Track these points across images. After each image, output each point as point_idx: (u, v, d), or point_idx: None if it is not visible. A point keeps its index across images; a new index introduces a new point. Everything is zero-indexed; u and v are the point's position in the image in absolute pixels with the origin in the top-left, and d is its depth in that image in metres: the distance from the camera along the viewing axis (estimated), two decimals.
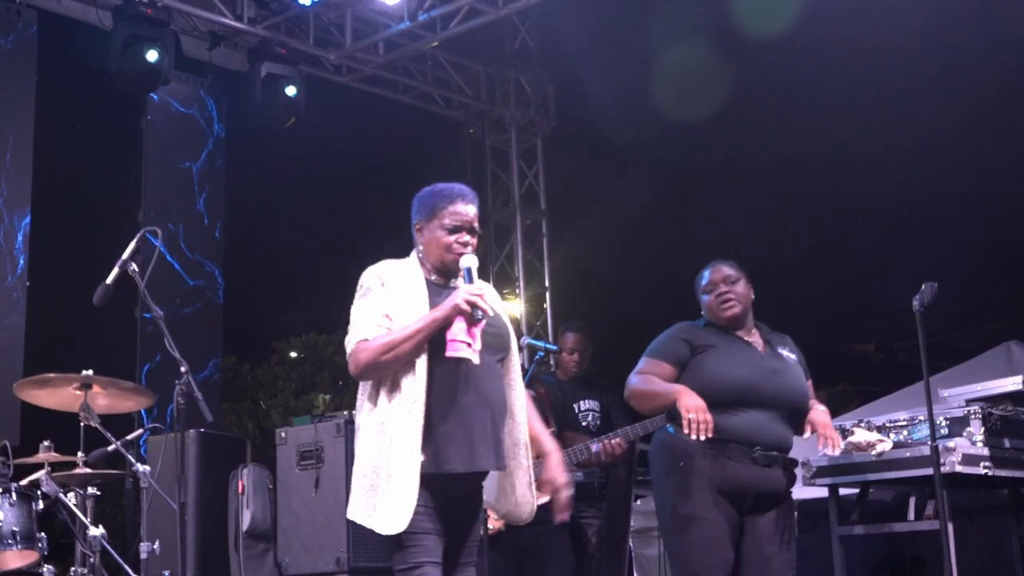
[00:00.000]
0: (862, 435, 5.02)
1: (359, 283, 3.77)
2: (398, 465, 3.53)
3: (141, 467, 5.42)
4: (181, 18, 9.66)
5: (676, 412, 4.32)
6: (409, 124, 12.03)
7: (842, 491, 5.31)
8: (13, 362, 8.30)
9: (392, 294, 3.70)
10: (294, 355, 17.41)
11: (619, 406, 5.96)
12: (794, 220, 13.08)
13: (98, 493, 5.56)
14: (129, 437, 5.61)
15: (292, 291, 16.22)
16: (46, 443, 5.74)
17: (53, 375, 5.52)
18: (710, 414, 4.25)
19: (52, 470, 5.60)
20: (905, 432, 4.97)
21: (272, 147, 11.99)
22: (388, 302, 3.68)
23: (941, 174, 11.71)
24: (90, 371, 5.48)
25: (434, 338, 3.62)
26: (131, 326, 9.37)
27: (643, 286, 13.13)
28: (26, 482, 5.63)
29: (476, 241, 3.79)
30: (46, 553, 5.55)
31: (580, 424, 5.94)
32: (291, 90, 9.77)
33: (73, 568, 5.48)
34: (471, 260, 3.72)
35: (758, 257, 4.75)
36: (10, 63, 8.85)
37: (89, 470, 5.53)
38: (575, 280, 12.06)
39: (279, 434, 6.63)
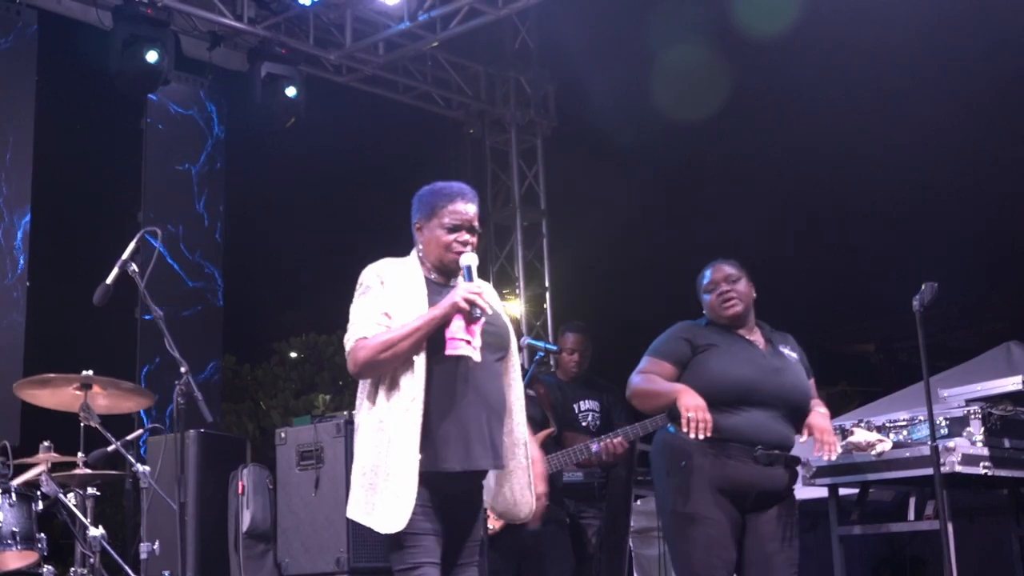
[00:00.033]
0: (862, 435, 5.01)
1: (359, 281, 3.76)
2: (396, 464, 3.53)
3: (141, 467, 5.41)
4: (181, 18, 9.65)
5: (677, 411, 4.32)
6: (409, 124, 12.03)
7: (842, 491, 5.30)
8: (13, 362, 8.30)
9: (392, 292, 3.69)
10: (294, 355, 17.41)
11: (619, 406, 5.95)
12: (794, 220, 13.08)
13: (98, 493, 5.55)
14: (129, 437, 5.61)
15: (292, 291, 16.22)
16: (46, 443, 5.74)
17: (53, 375, 5.51)
18: (710, 413, 4.25)
19: (52, 470, 5.60)
20: (905, 432, 4.96)
21: (272, 147, 11.98)
22: (387, 300, 3.67)
23: (941, 174, 11.71)
24: (90, 371, 5.48)
25: (433, 337, 3.61)
26: (131, 327, 9.36)
27: (643, 286, 13.13)
28: (22, 479, 5.63)
29: (476, 240, 3.78)
30: (46, 553, 5.54)
31: (580, 424, 5.94)
32: (291, 91, 9.76)
33: (73, 568, 5.47)
34: (471, 258, 3.71)
35: (758, 257, 4.74)
36: (10, 63, 8.84)
37: (89, 470, 5.52)
38: (575, 280, 12.05)
39: (279, 434, 6.63)
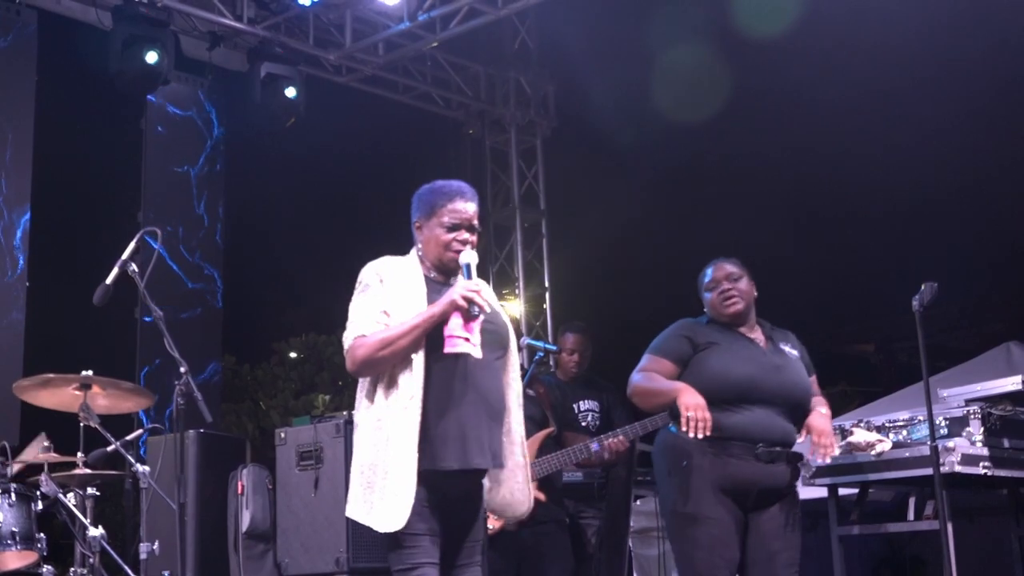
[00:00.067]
0: (862, 435, 5.01)
1: (358, 279, 3.75)
2: (395, 462, 3.52)
3: (141, 467, 5.41)
4: (181, 18, 9.65)
5: (677, 411, 4.32)
6: (409, 124, 12.02)
7: (842, 491, 5.30)
8: (13, 362, 8.30)
9: (391, 291, 3.68)
10: (294, 356, 17.42)
11: (619, 406, 5.95)
12: (794, 220, 13.08)
13: (97, 493, 5.56)
14: (129, 437, 5.61)
15: (292, 292, 16.22)
16: (46, 443, 5.74)
17: (53, 375, 5.51)
18: (709, 412, 4.24)
19: (52, 470, 5.59)
20: (905, 432, 4.96)
21: (272, 147, 11.98)
22: (386, 298, 3.66)
23: (941, 174, 11.71)
24: (89, 371, 5.48)
25: (432, 335, 3.59)
26: (131, 327, 9.35)
27: (643, 286, 13.12)
28: (22, 459, 5.63)
29: (476, 239, 3.77)
30: (45, 554, 5.54)
31: (580, 424, 5.94)
32: (291, 91, 9.75)
33: (72, 568, 5.47)
34: (470, 256, 3.70)
35: (758, 257, 4.73)
36: (10, 61, 8.83)
37: (89, 470, 5.52)
38: (575, 280, 12.05)
39: (279, 434, 6.62)
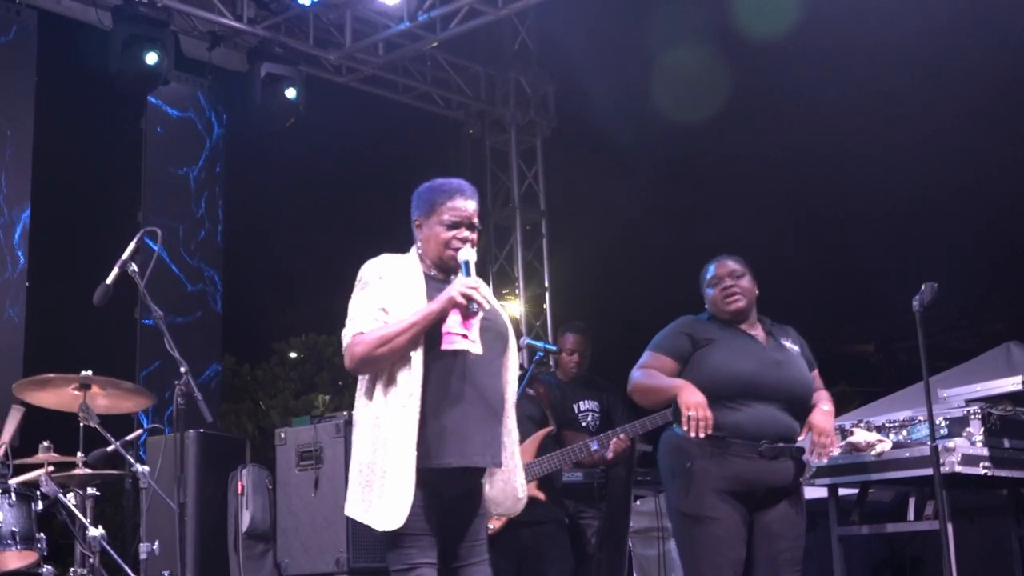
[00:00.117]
0: (862, 435, 5.01)
1: (358, 277, 3.74)
2: (393, 461, 3.51)
3: (140, 467, 5.40)
4: (181, 18, 9.65)
5: (679, 410, 4.31)
6: (409, 124, 12.03)
7: (842, 491, 5.30)
8: (13, 362, 8.29)
9: (390, 288, 3.67)
10: (294, 356, 17.43)
11: (619, 406, 5.95)
12: (794, 220, 13.08)
13: (97, 493, 5.55)
14: (128, 437, 5.60)
15: (292, 292, 16.23)
16: (46, 443, 5.74)
17: (52, 375, 5.50)
18: (710, 410, 4.24)
19: (53, 470, 5.60)
20: (905, 432, 4.96)
21: (272, 148, 11.98)
22: (386, 296, 3.65)
23: (941, 174, 11.71)
24: (89, 371, 5.47)
25: (431, 332, 3.58)
26: (130, 328, 9.34)
27: (643, 286, 13.13)
28: (23, 479, 5.63)
29: (476, 237, 3.76)
30: (45, 553, 5.54)
31: (580, 424, 5.94)
32: (291, 92, 9.75)
33: (72, 568, 5.47)
34: (469, 254, 3.69)
35: (758, 257, 4.72)
36: (9, 60, 8.82)
37: (88, 470, 5.52)
38: (575, 280, 12.05)
39: (278, 435, 6.62)
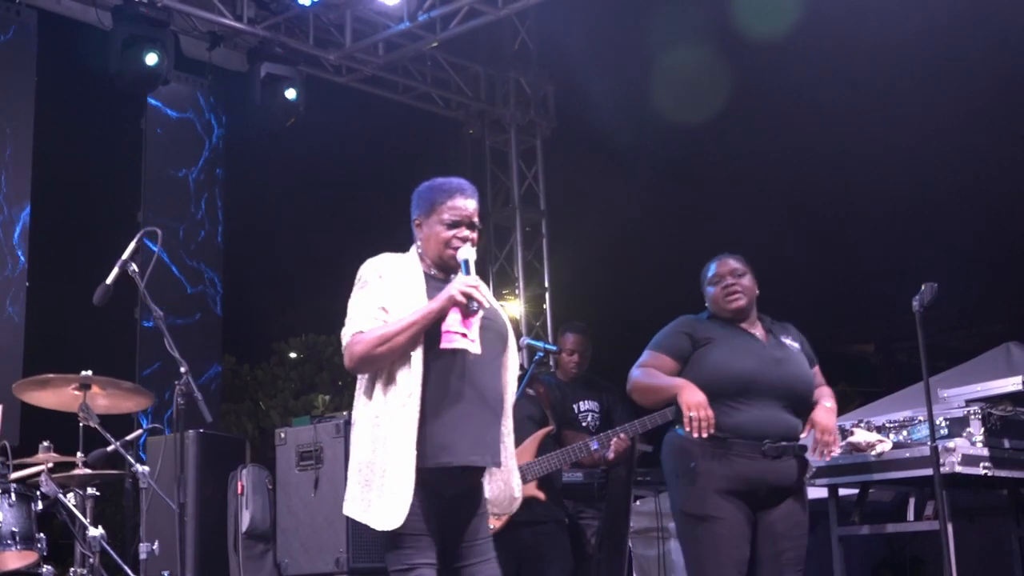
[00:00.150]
0: (862, 435, 5.01)
1: (357, 275, 3.74)
2: (393, 460, 3.51)
3: (140, 468, 5.40)
4: (181, 18, 9.65)
5: (680, 410, 4.31)
6: (409, 124, 12.03)
7: (842, 491, 5.30)
8: (13, 362, 8.29)
9: (390, 287, 3.66)
10: (293, 356, 17.44)
11: (619, 406, 5.95)
12: (794, 220, 13.09)
13: (97, 494, 5.55)
14: (128, 437, 5.60)
15: (291, 292, 16.24)
16: (46, 443, 5.74)
17: (52, 375, 5.50)
18: (711, 409, 4.24)
19: (51, 470, 5.59)
20: (905, 432, 4.96)
21: (272, 148, 11.98)
22: (385, 295, 3.65)
23: (941, 174, 11.72)
24: (89, 371, 5.47)
25: (431, 332, 3.58)
26: (130, 329, 9.33)
27: (643, 286, 13.13)
28: (22, 474, 5.63)
29: (476, 236, 3.75)
30: (45, 554, 5.53)
31: (580, 424, 5.93)
32: (291, 93, 9.74)
33: (72, 569, 5.46)
34: (469, 252, 3.69)
35: (758, 257, 4.72)
36: (9, 60, 8.82)
37: (88, 470, 5.52)
38: (575, 280, 12.06)
39: (278, 435, 6.62)
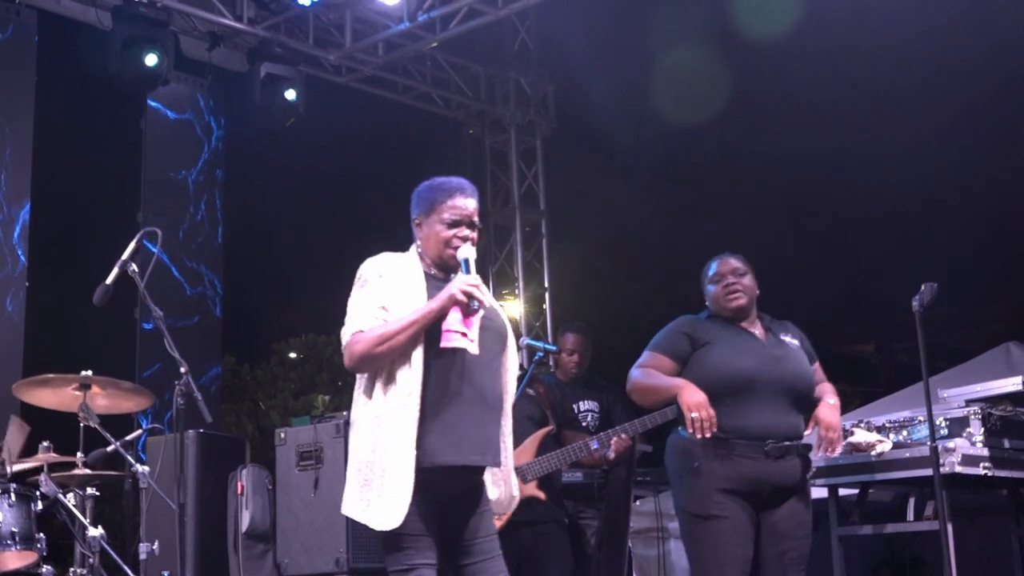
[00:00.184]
0: (862, 436, 5.01)
1: (357, 275, 3.72)
2: (392, 460, 3.50)
3: (140, 468, 5.40)
4: (180, 18, 9.64)
5: (681, 410, 4.31)
6: (409, 125, 12.03)
7: (842, 491, 5.31)
8: (13, 362, 8.28)
9: (390, 286, 3.65)
10: (293, 356, 17.45)
11: (619, 406, 5.95)
12: (794, 221, 13.10)
13: (97, 494, 5.55)
14: (128, 438, 5.60)
15: (291, 292, 16.24)
16: (46, 443, 5.74)
17: (52, 375, 5.50)
18: (712, 409, 4.24)
19: (51, 470, 5.59)
20: (905, 432, 4.96)
21: (272, 148, 11.98)
22: (386, 294, 3.64)
23: (941, 175, 11.73)
24: (89, 371, 5.47)
25: (431, 331, 3.57)
26: (130, 329, 9.33)
27: (642, 286, 13.16)
28: (21, 467, 5.64)
29: (476, 235, 3.75)
30: (45, 554, 5.54)
31: (580, 424, 5.93)
32: (291, 93, 9.74)
33: (72, 569, 5.46)
34: (469, 252, 3.68)
35: (758, 257, 4.73)
36: (8, 59, 8.81)
37: (88, 471, 5.52)
38: (575, 280, 12.07)
39: (278, 435, 6.62)
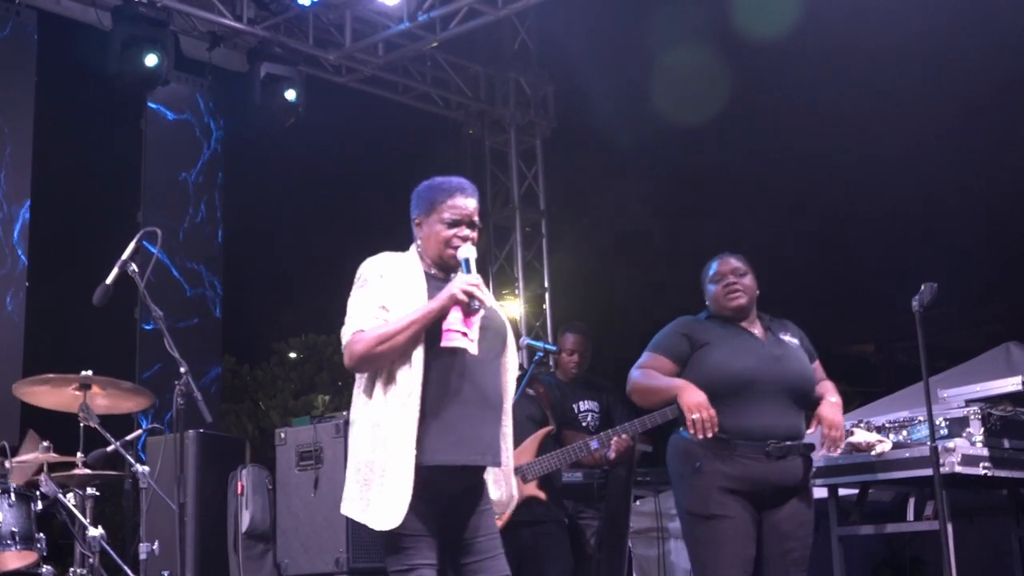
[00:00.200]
0: (862, 435, 5.02)
1: (357, 274, 3.72)
2: (392, 460, 3.50)
3: (140, 468, 5.40)
4: (180, 18, 9.64)
5: (682, 411, 4.30)
6: (409, 124, 12.03)
7: (842, 491, 5.31)
8: (13, 362, 8.28)
9: (390, 286, 3.65)
10: (293, 356, 17.45)
11: (619, 406, 5.95)
12: (794, 221, 13.10)
13: (97, 494, 5.55)
14: (128, 437, 5.61)
15: (292, 292, 16.24)
16: (45, 443, 5.74)
17: (52, 375, 5.50)
18: (713, 409, 4.24)
19: (51, 470, 5.59)
20: (905, 432, 4.97)
21: (272, 148, 11.99)
22: (386, 294, 3.63)
23: (941, 175, 11.73)
24: (89, 371, 5.47)
25: (431, 331, 3.57)
26: (130, 330, 9.32)
27: (642, 287, 13.16)
28: (20, 459, 5.63)
29: (476, 235, 3.74)
30: (45, 554, 5.54)
31: (580, 424, 5.93)
32: (291, 93, 9.74)
33: (72, 569, 5.47)
34: (469, 251, 3.67)
35: (758, 258, 4.73)
36: (8, 59, 8.80)
37: (88, 470, 5.52)
38: (574, 281, 12.07)
39: (278, 435, 6.62)
